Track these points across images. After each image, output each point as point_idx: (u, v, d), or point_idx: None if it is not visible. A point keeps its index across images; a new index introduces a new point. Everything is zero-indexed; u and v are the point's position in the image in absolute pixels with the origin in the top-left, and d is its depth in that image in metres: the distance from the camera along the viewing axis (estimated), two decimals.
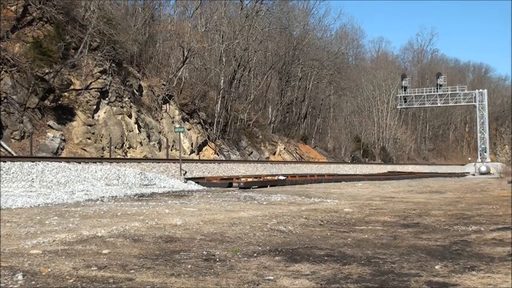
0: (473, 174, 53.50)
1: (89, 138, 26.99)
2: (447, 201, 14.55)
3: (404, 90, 65.53)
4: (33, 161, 17.07)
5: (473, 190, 20.92)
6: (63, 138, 25.17)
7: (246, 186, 19.80)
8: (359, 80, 74.27)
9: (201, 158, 34.58)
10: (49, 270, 4.69)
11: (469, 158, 72.69)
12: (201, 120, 38.42)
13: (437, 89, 64.14)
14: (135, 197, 13.23)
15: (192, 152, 35.72)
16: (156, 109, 34.47)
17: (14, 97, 23.92)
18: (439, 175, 45.62)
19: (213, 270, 4.94)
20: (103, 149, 27.24)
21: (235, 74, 44.84)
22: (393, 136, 73.44)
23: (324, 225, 8.68)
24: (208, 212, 9.83)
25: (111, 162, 21.53)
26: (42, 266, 4.85)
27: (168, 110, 35.58)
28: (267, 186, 20.99)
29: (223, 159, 36.43)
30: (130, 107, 31.01)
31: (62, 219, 8.20)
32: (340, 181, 27.96)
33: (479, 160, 59.50)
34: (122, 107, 30.16)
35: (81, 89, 27.86)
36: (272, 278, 4.68)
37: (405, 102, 66.19)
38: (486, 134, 61.39)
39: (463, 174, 51.97)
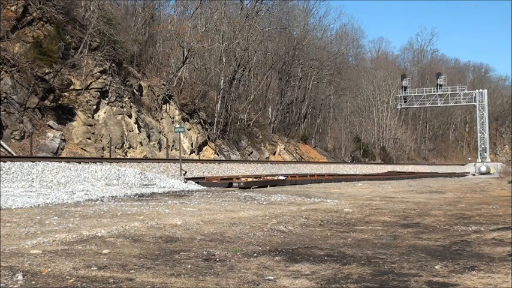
0: (473, 174, 53.49)
1: (89, 138, 26.99)
2: (447, 201, 14.55)
3: (404, 90, 65.51)
4: (33, 161, 17.07)
5: (473, 190, 20.92)
6: (63, 138, 25.17)
7: (246, 186, 19.79)
8: (359, 80, 74.23)
9: (201, 158, 34.57)
10: (49, 270, 4.69)
11: (469, 158, 72.66)
12: (201, 120, 38.42)
13: (437, 89, 64.12)
14: (135, 197, 13.23)
15: (192, 152, 35.72)
16: (156, 109, 34.47)
17: (14, 97, 23.92)
18: (439, 175, 45.63)
19: (213, 270, 4.94)
20: (103, 149, 27.24)
21: (235, 74, 44.83)
22: (393, 136, 73.41)
23: (324, 225, 8.68)
24: (208, 212, 9.83)
25: (111, 162, 21.53)
26: (42, 266, 4.85)
27: (168, 110, 35.58)
28: (267, 186, 20.98)
29: (223, 159, 36.43)
30: (131, 107, 31.01)
31: (62, 219, 8.20)
32: (340, 181, 27.95)
33: (479, 160, 59.49)
34: (122, 107, 30.16)
35: (81, 89, 27.86)
36: (272, 278, 4.68)
37: (405, 102, 66.17)
38: (486, 134, 61.35)
39: (463, 174, 51.97)
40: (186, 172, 24.85)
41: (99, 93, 28.88)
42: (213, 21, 45.65)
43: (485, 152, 60.55)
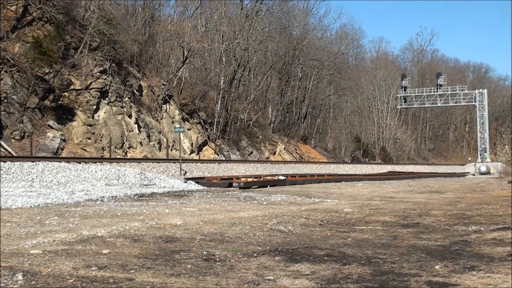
0: (473, 174, 53.49)
1: (89, 138, 26.99)
2: (447, 201, 14.55)
3: (404, 90, 65.52)
4: (33, 161, 17.06)
5: (473, 190, 20.92)
6: (63, 138, 25.17)
7: (246, 186, 19.79)
8: (359, 80, 74.22)
9: (201, 158, 34.57)
10: (49, 270, 4.69)
11: (469, 158, 72.66)
12: (201, 120, 38.43)
13: (437, 89, 64.12)
14: (135, 197, 13.23)
15: (192, 152, 35.72)
16: (156, 109, 34.47)
17: (14, 97, 23.92)
18: (439, 175, 45.62)
19: (213, 270, 4.94)
20: (103, 149, 27.24)
21: (235, 74, 44.83)
22: (393, 136, 73.40)
23: (324, 225, 8.68)
24: (208, 212, 9.83)
25: (111, 162, 21.53)
26: (42, 266, 4.85)
27: (168, 110, 35.58)
28: (267, 186, 20.98)
29: (223, 159, 36.43)
30: (131, 107, 31.00)
31: (62, 219, 8.20)
32: (340, 181, 27.95)
33: (479, 160, 59.48)
34: (122, 107, 30.16)
35: (81, 89, 27.86)
36: (272, 278, 4.68)
37: (405, 102, 66.18)
38: (486, 134, 61.35)
39: (463, 174, 51.96)
40: (186, 172, 24.85)
41: (99, 93, 28.88)
42: (213, 21, 45.65)
43: (485, 152, 60.55)
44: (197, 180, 21.44)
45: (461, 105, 72.53)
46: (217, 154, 37.82)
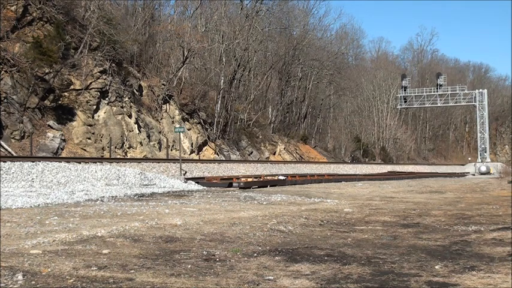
0: (473, 174, 53.48)
1: (89, 138, 26.99)
2: (447, 201, 14.55)
3: (404, 90, 65.50)
4: (33, 161, 17.06)
5: (473, 190, 20.92)
6: (63, 138, 25.17)
7: (246, 186, 19.79)
8: (359, 80, 74.21)
9: (201, 158, 34.57)
10: (49, 270, 4.69)
11: (469, 158, 72.65)
12: (201, 120, 38.43)
13: (437, 89, 64.11)
14: (135, 197, 13.23)
15: (192, 152, 35.72)
16: (156, 109, 34.47)
17: (14, 97, 23.92)
18: (439, 175, 45.62)
19: (213, 270, 4.94)
20: (103, 149, 27.24)
21: (235, 74, 44.84)
22: (393, 136, 73.38)
23: (324, 225, 8.69)
24: (208, 212, 9.83)
25: (111, 162, 21.53)
26: (42, 266, 4.85)
27: (168, 110, 35.58)
28: (267, 186, 20.98)
29: (223, 159, 36.43)
30: (131, 107, 31.00)
31: (62, 219, 8.20)
32: (340, 181, 27.95)
33: (479, 160, 59.47)
34: (122, 107, 30.16)
35: (81, 89, 27.86)
36: (272, 278, 4.68)
37: (405, 102, 66.16)
38: (486, 134, 61.34)
39: (463, 174, 51.96)
40: (186, 172, 24.85)
41: (99, 93, 28.88)
42: (213, 21, 45.65)
43: (485, 152, 60.53)
44: (197, 180, 21.44)
45: (461, 105, 72.52)
46: (217, 154, 37.82)
